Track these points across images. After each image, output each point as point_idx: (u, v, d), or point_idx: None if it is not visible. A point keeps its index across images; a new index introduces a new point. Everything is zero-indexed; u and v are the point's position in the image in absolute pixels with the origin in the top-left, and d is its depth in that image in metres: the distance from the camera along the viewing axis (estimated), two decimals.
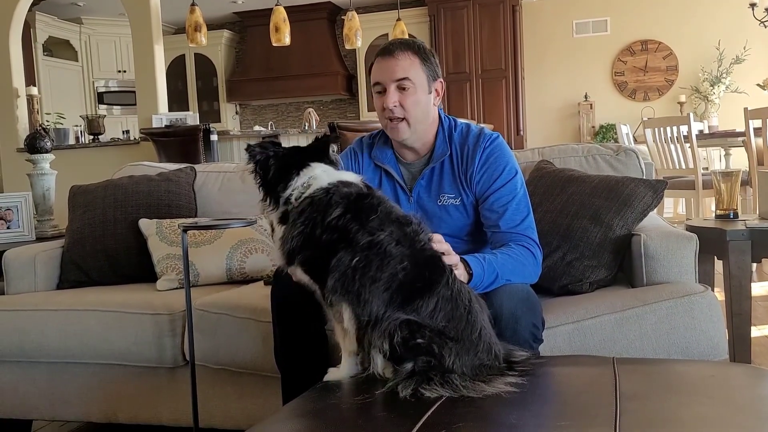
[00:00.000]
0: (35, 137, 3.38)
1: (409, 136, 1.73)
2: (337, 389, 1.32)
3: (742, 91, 7.48)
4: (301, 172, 1.43)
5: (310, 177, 1.42)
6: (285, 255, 1.41)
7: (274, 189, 1.43)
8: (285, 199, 1.42)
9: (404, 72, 1.67)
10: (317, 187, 1.40)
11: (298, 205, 1.40)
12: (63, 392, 2.28)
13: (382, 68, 1.69)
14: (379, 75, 1.69)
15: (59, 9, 8.34)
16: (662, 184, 2.00)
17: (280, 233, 1.43)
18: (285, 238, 1.40)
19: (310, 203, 1.38)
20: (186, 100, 9.48)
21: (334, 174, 1.45)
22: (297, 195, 1.41)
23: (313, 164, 1.45)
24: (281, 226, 1.44)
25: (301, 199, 1.40)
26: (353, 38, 6.48)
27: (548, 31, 8.39)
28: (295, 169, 1.43)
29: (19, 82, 6.00)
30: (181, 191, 2.71)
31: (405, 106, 1.68)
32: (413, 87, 1.68)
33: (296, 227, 1.37)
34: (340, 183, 1.41)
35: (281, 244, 1.42)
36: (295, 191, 1.41)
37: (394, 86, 1.67)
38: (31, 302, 2.32)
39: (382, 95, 1.69)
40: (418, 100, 1.69)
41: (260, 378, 2.01)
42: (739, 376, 1.37)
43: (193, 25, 5.52)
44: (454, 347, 1.26)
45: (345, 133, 4.45)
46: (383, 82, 1.68)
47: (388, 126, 1.72)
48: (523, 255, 1.64)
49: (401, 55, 1.67)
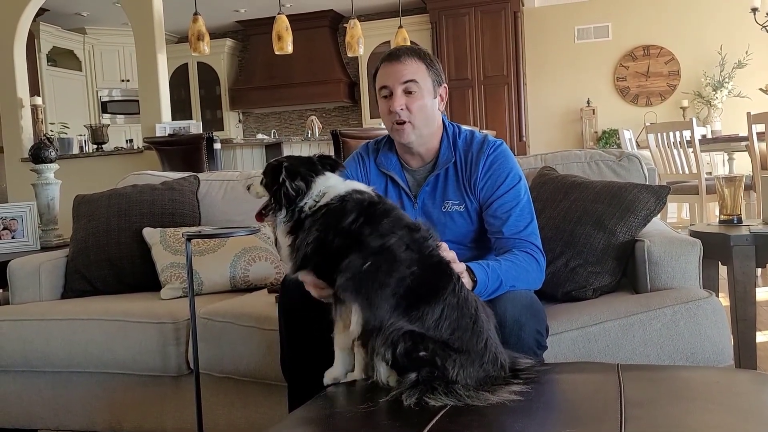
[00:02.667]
0: (40, 147, 3.39)
1: (414, 140, 1.73)
2: (341, 397, 1.32)
3: (744, 96, 7.47)
4: (318, 180, 1.44)
5: (325, 186, 1.43)
6: (299, 261, 1.41)
7: (293, 202, 1.42)
8: (299, 208, 1.42)
9: (412, 74, 1.68)
10: (333, 195, 1.41)
11: (312, 214, 1.40)
12: (67, 402, 2.28)
13: (389, 72, 1.70)
14: (386, 79, 1.71)
15: (63, 19, 8.38)
16: (665, 190, 1.99)
17: (289, 241, 1.43)
18: (299, 245, 1.40)
19: (325, 212, 1.39)
20: (189, 108, 9.50)
21: (349, 183, 1.46)
22: (311, 204, 1.41)
23: (327, 173, 1.46)
24: (290, 236, 1.43)
25: (316, 208, 1.41)
26: (355, 46, 6.50)
27: (550, 37, 8.40)
28: (313, 177, 1.44)
29: (23, 92, 6.03)
30: (185, 200, 2.72)
31: (411, 109, 1.69)
32: (419, 91, 1.69)
33: (311, 233, 1.38)
34: (354, 191, 1.42)
35: (293, 252, 1.42)
36: (310, 200, 1.42)
37: (401, 89, 1.68)
38: (36, 312, 2.33)
39: (389, 99, 1.70)
40: (424, 104, 1.70)
41: (265, 386, 2.01)
42: (745, 382, 1.37)
43: (196, 34, 5.54)
44: (458, 359, 1.25)
45: (348, 141, 4.47)
46: (390, 85, 1.70)
47: (394, 129, 1.73)
48: (526, 261, 1.64)
49: (408, 60, 1.69)
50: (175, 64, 9.19)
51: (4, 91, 5.99)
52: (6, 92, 5.99)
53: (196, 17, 5.57)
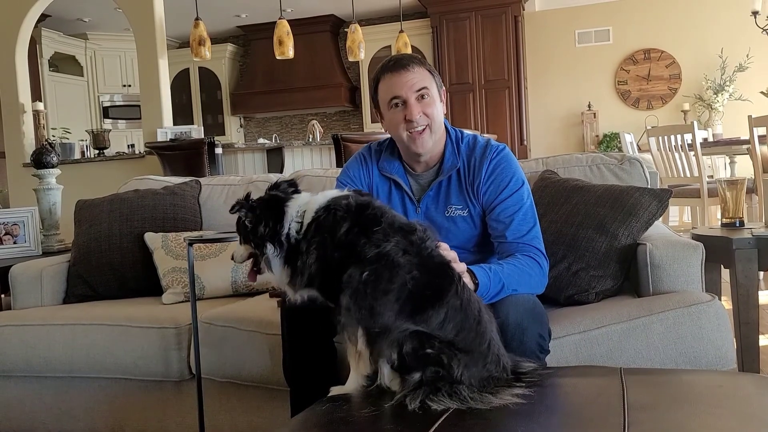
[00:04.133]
0: (41, 152, 3.40)
1: (431, 146, 1.73)
2: (344, 402, 1.31)
3: (745, 99, 7.47)
4: (290, 204, 1.41)
5: (300, 205, 1.40)
6: (304, 282, 1.37)
7: (274, 232, 1.38)
8: (286, 236, 1.38)
9: (423, 82, 1.69)
10: (316, 208, 1.38)
11: (304, 235, 1.37)
12: (69, 407, 2.28)
13: (399, 82, 1.69)
14: (397, 89, 1.69)
15: (65, 25, 8.41)
16: (667, 193, 1.99)
17: (289, 272, 1.39)
18: (301, 268, 1.37)
19: (316, 227, 1.36)
20: (190, 113, 9.51)
21: (324, 193, 1.43)
22: (296, 227, 1.38)
23: (295, 195, 1.44)
24: (287, 267, 1.39)
25: (305, 227, 1.38)
26: (356, 50, 6.51)
27: (551, 41, 8.40)
28: (284, 203, 1.41)
29: (25, 97, 6.04)
30: (187, 204, 2.72)
31: (428, 114, 1.69)
32: (431, 97, 1.70)
33: (311, 254, 1.35)
34: (336, 197, 1.40)
35: (298, 275, 1.38)
36: (293, 223, 1.39)
37: (414, 97, 1.68)
38: (38, 317, 2.33)
39: (401, 109, 1.69)
40: (437, 109, 1.72)
41: (267, 391, 2.00)
42: (748, 385, 1.36)
43: (197, 39, 5.56)
44: (463, 358, 1.25)
45: (349, 145, 4.48)
46: (403, 95, 1.68)
47: (409, 138, 1.71)
48: (529, 265, 1.64)
49: (415, 68, 1.69)
50: (176, 69, 9.21)
51: (6, 97, 6.01)
52: (8, 97, 6.00)
53: (198, 22, 5.58)
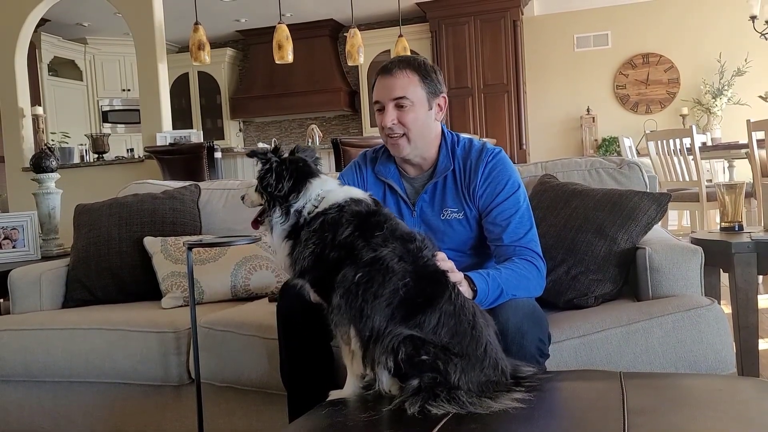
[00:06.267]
0: (41, 156, 3.40)
1: (409, 152, 1.74)
2: (343, 407, 1.31)
3: (744, 103, 7.48)
4: (314, 182, 1.43)
5: (323, 190, 1.42)
6: (297, 273, 1.41)
7: (287, 198, 1.41)
8: (297, 211, 1.41)
9: (402, 91, 1.68)
10: (331, 203, 1.40)
11: (310, 222, 1.39)
12: (68, 411, 2.28)
13: (381, 87, 1.71)
14: (378, 93, 1.72)
15: (64, 29, 8.41)
16: (666, 197, 1.99)
17: (287, 250, 1.42)
18: (296, 257, 1.39)
19: (322, 222, 1.38)
20: (190, 117, 9.52)
21: (346, 190, 1.45)
22: (310, 209, 1.40)
23: (323, 176, 1.45)
24: (287, 241, 1.42)
25: (314, 215, 1.39)
26: (355, 55, 6.52)
27: (549, 46, 8.42)
28: (310, 178, 1.43)
29: (24, 102, 6.05)
30: (186, 209, 2.72)
31: (404, 122, 1.69)
32: (411, 105, 1.69)
33: (308, 247, 1.37)
34: (352, 200, 1.41)
35: (292, 263, 1.41)
36: (308, 204, 1.40)
37: (392, 105, 1.69)
38: (37, 321, 2.32)
39: (382, 113, 1.71)
40: (417, 117, 1.70)
41: (266, 395, 2.00)
42: (747, 389, 1.36)
43: (196, 43, 5.56)
44: (459, 363, 1.25)
45: (348, 149, 4.48)
46: (382, 100, 1.71)
47: (389, 142, 1.74)
48: (526, 269, 1.64)
49: (399, 74, 1.69)
50: (175, 74, 9.21)
51: (6, 101, 6.01)
52: (7, 102, 6.01)
53: (197, 27, 5.59)
